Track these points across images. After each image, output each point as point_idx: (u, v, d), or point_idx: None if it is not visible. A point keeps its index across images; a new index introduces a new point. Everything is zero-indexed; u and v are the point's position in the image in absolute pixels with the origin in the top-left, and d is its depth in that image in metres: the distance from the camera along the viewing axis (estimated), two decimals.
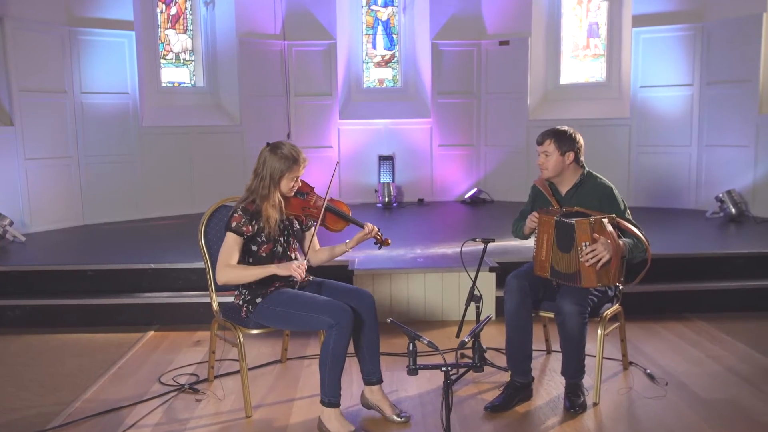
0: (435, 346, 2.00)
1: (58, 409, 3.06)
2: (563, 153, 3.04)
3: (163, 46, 7.09)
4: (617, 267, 2.87)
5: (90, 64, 6.26)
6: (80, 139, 6.27)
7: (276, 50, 7.45)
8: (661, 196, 6.87)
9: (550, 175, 3.11)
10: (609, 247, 2.81)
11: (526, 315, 3.02)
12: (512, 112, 7.52)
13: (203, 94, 7.29)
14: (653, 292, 4.41)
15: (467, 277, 3.88)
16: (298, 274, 2.75)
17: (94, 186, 6.38)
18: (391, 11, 7.98)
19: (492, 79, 7.65)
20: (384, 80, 8.06)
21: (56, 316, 4.30)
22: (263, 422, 2.94)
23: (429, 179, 7.84)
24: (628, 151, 7.04)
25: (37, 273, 4.54)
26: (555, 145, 3.04)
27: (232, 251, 2.81)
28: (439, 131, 7.79)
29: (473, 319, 3.45)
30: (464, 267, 3.39)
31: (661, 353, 3.69)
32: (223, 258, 2.81)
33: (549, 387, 3.25)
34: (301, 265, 2.78)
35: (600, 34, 7.39)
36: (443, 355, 2.15)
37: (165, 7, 7.10)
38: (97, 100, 6.35)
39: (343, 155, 7.72)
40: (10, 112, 5.71)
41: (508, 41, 7.47)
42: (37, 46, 5.86)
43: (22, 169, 5.81)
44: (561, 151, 3.04)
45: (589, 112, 7.26)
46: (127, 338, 4.06)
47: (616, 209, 3.04)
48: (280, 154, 2.85)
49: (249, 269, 2.82)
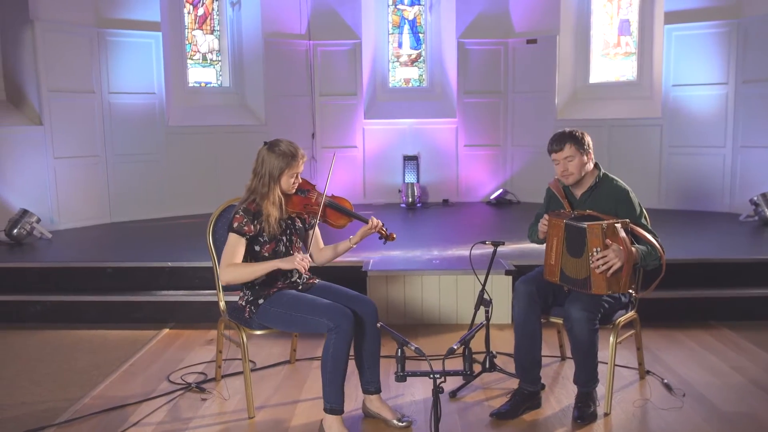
0: (422, 352, 1.95)
1: (66, 405, 3.10)
2: (584, 153, 2.94)
3: (190, 46, 7.18)
4: (629, 275, 2.76)
5: (117, 64, 6.38)
6: (108, 138, 6.38)
7: (301, 50, 7.47)
8: (693, 199, 6.64)
9: (576, 179, 2.98)
10: (621, 255, 2.70)
11: (534, 321, 2.94)
12: (539, 111, 7.38)
13: (229, 94, 7.35)
14: (677, 298, 4.26)
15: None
16: (302, 267, 2.72)
17: (121, 185, 6.49)
18: (418, 10, 7.92)
19: (519, 78, 7.52)
20: (410, 80, 8.01)
21: (75, 312, 4.38)
22: (265, 424, 2.92)
23: (454, 180, 7.75)
24: (660, 152, 6.83)
25: (59, 270, 4.63)
26: (575, 147, 2.92)
27: (235, 251, 2.80)
28: (465, 131, 7.69)
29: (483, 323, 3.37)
30: (473, 270, 3.32)
31: (681, 362, 3.55)
32: (226, 258, 2.80)
33: (560, 395, 3.15)
34: (305, 258, 2.75)
35: (631, 32, 7.19)
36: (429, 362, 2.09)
37: (192, 8, 7.18)
38: (125, 100, 6.46)
39: (368, 155, 7.70)
40: (40, 112, 5.85)
41: (535, 40, 7.33)
42: (66, 47, 5.99)
43: (50, 167, 5.95)
44: (582, 151, 2.93)
45: (619, 111, 7.08)
46: (142, 335, 4.11)
47: (631, 213, 2.93)
48: (278, 151, 2.83)
49: (252, 266, 2.80)
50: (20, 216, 5.36)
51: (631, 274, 2.79)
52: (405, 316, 4.26)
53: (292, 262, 2.73)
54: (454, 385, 3.23)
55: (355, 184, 7.72)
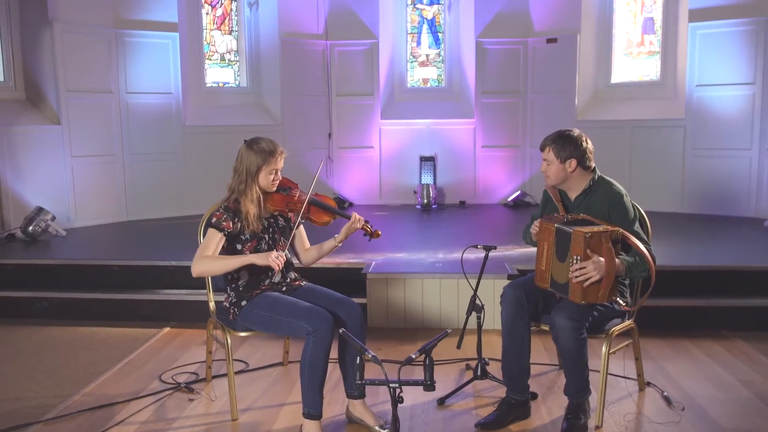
0: (378, 360, 1.89)
1: (56, 402, 3.13)
2: (563, 160, 2.84)
3: (208, 47, 7.23)
4: (608, 287, 2.63)
5: (135, 64, 6.46)
6: (125, 137, 6.48)
7: (318, 50, 7.46)
8: (716, 203, 6.40)
9: (552, 183, 2.93)
10: (601, 267, 2.59)
11: (522, 327, 2.85)
12: (559, 112, 7.22)
13: (246, 93, 7.39)
14: (688, 306, 4.10)
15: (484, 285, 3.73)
16: (276, 264, 2.69)
17: (138, 183, 6.58)
18: (437, 9, 7.83)
19: (539, 77, 7.37)
20: (428, 80, 7.93)
21: (80, 309, 4.44)
22: (247, 426, 2.90)
23: (472, 181, 7.64)
24: (683, 154, 6.61)
25: (67, 267, 4.71)
26: (554, 152, 2.84)
27: (210, 244, 2.79)
28: (483, 132, 7.58)
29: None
30: (464, 274, 3.24)
31: (686, 374, 3.41)
32: (200, 250, 2.79)
33: (552, 406, 3.05)
34: (280, 256, 2.71)
35: (655, 30, 6.98)
36: (384, 371, 2.02)
37: (211, 8, 7.24)
38: (142, 100, 6.54)
39: (384, 156, 7.65)
40: (58, 111, 5.96)
41: (555, 39, 7.18)
42: (85, 48, 6.10)
43: (68, 166, 6.06)
44: (561, 158, 2.84)
45: (641, 112, 6.88)
46: (143, 334, 4.14)
47: (624, 218, 2.82)
48: (257, 148, 2.82)
49: (224, 259, 2.77)
50: (36, 213, 5.47)
51: (612, 286, 2.66)
52: (405, 320, 4.20)
53: (266, 258, 2.70)
54: (444, 392, 3.16)
55: (371, 184, 7.68)
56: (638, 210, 2.98)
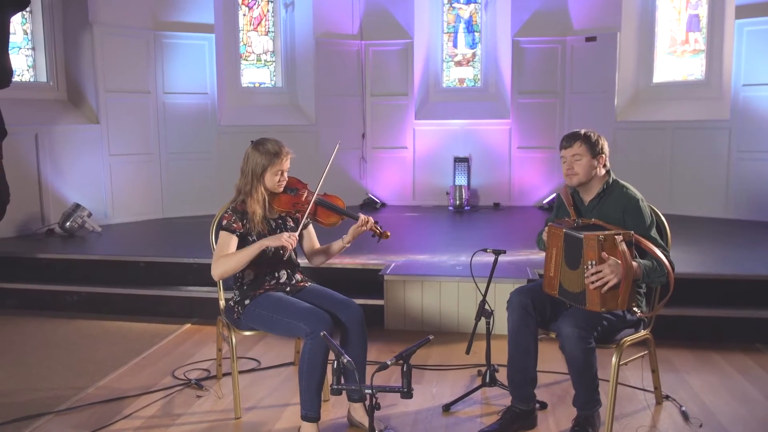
0: (352, 365, 1.85)
1: (71, 394, 3.22)
2: (595, 156, 2.74)
3: (244, 47, 7.34)
4: (627, 291, 2.52)
5: (172, 65, 6.61)
6: (161, 136, 6.63)
7: (353, 50, 7.47)
8: (762, 209, 6.08)
9: (581, 181, 2.79)
10: (618, 270, 2.48)
11: (528, 335, 2.76)
12: (598, 113, 7.01)
13: (281, 94, 7.46)
14: (720, 317, 3.90)
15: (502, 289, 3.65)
16: (289, 243, 2.68)
17: (174, 181, 6.72)
18: (474, 8, 7.73)
19: (577, 77, 7.18)
20: (464, 80, 7.83)
21: (107, 303, 4.56)
22: (249, 425, 2.91)
23: (507, 183, 7.50)
24: (728, 157, 6.31)
25: (96, 262, 4.84)
26: (586, 147, 2.75)
27: (226, 246, 2.80)
28: (519, 132, 7.43)
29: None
30: (473, 278, 3.17)
31: (710, 388, 3.24)
32: (218, 252, 2.81)
33: (561, 417, 2.95)
34: (292, 236, 2.71)
35: (701, 27, 6.69)
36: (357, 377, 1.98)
37: (248, 9, 7.34)
38: (178, 100, 6.68)
39: (418, 156, 7.60)
40: (97, 111, 6.15)
41: (595, 37, 6.97)
42: (124, 49, 6.27)
43: (106, 164, 6.24)
44: (592, 153, 2.74)
45: (684, 113, 6.60)
46: (165, 330, 4.22)
47: (639, 223, 2.69)
48: (262, 149, 2.83)
49: (238, 253, 2.77)
50: (73, 210, 5.65)
51: (631, 292, 2.55)
52: (423, 323, 4.15)
53: (279, 239, 2.69)
54: (450, 398, 3.10)
55: (404, 185, 7.64)
56: (656, 215, 2.85)
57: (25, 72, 6.05)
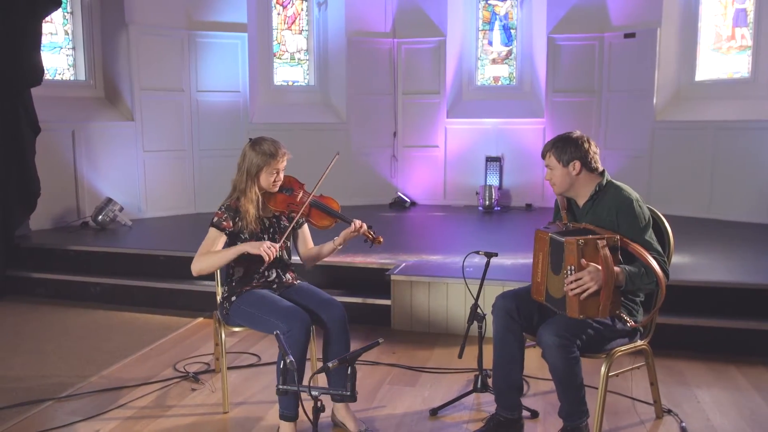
0: (294, 366, 1.84)
1: (75, 381, 3.33)
2: (566, 164, 2.65)
3: (278, 46, 7.43)
4: (609, 299, 2.41)
5: (206, 64, 6.75)
6: (194, 134, 6.79)
7: (385, 48, 7.45)
8: None
9: (560, 191, 2.73)
10: (598, 277, 2.38)
11: (512, 341, 2.68)
12: (636, 112, 6.76)
13: (313, 92, 7.52)
14: (739, 329, 3.69)
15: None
16: (267, 254, 2.68)
17: (206, 177, 6.87)
18: (510, 5, 7.57)
19: (615, 75, 6.93)
20: (499, 78, 7.69)
21: (127, 295, 4.71)
22: (235, 420, 2.94)
23: (540, 183, 7.32)
24: None
25: (119, 255, 5.01)
26: (555, 157, 2.66)
27: (211, 243, 2.83)
28: (553, 132, 7.21)
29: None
30: (465, 281, 3.10)
31: (718, 403, 3.07)
32: (201, 249, 2.84)
33: (550, 426, 2.85)
34: (272, 246, 2.71)
35: (748, 22, 6.35)
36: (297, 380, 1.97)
37: (282, 8, 7.43)
38: (211, 98, 6.83)
39: (450, 155, 7.51)
40: (132, 108, 6.36)
41: (634, 33, 6.72)
42: (159, 48, 6.45)
43: (140, 160, 6.44)
44: (563, 162, 2.65)
45: (727, 113, 6.28)
46: (177, 322, 4.32)
47: (633, 225, 2.57)
48: (259, 149, 2.84)
49: (219, 252, 2.79)
50: (105, 204, 5.86)
51: (614, 299, 2.44)
52: (429, 325, 4.10)
53: (259, 247, 2.69)
54: (438, 402, 3.05)
55: (435, 184, 7.57)
56: (656, 217, 2.73)
57: (66, 71, 6.30)
